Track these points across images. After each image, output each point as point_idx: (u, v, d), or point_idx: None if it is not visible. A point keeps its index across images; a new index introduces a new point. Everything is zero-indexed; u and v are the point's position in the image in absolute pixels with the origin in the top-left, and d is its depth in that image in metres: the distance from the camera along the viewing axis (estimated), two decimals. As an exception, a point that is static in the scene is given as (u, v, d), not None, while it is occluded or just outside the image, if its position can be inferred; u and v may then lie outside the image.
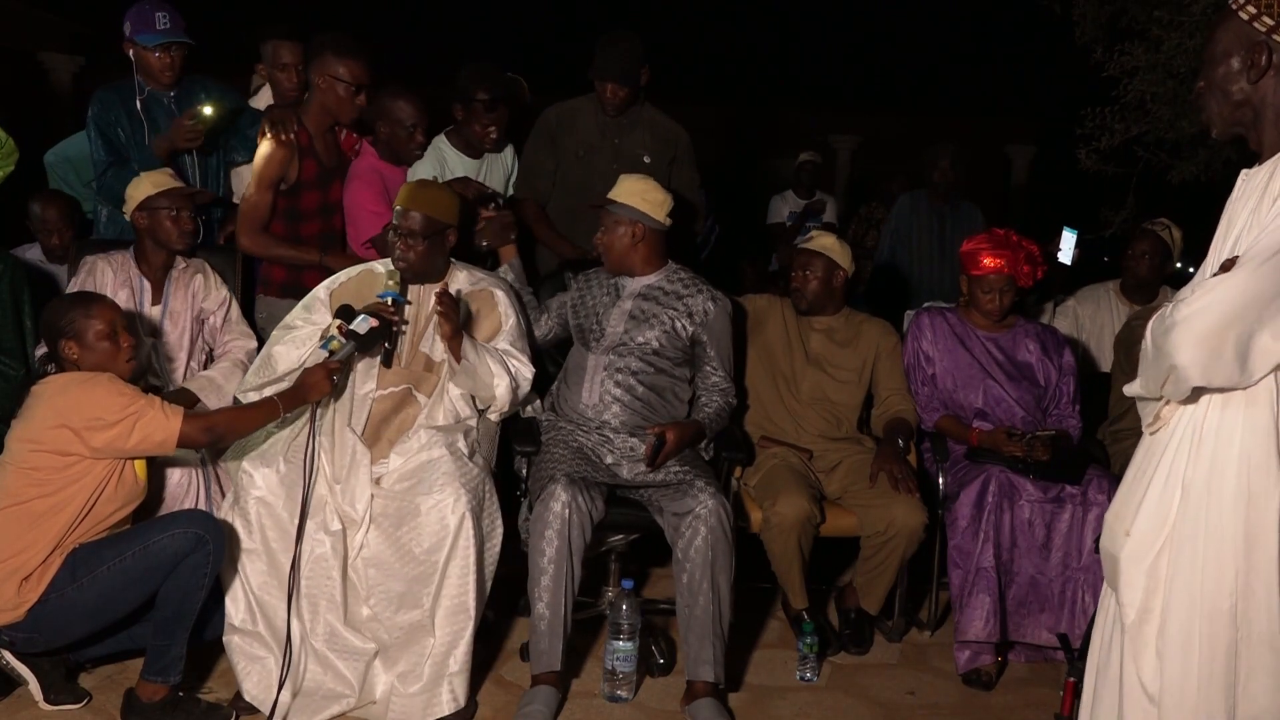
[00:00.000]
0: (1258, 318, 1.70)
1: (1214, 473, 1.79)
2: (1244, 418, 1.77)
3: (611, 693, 2.94)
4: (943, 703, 3.08)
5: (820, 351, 3.50)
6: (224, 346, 3.37)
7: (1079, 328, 4.17)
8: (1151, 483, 1.86)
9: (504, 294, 3.16)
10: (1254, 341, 1.70)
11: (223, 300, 3.38)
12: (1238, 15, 1.82)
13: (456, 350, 2.89)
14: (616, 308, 3.20)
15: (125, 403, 2.58)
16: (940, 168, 5.02)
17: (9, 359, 3.14)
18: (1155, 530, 1.84)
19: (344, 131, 3.63)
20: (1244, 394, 1.77)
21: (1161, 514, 1.84)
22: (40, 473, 2.56)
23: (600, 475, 3.00)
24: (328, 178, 3.53)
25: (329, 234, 3.53)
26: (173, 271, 3.30)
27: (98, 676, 2.91)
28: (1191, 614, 1.80)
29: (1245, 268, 1.72)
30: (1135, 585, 1.85)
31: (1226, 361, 1.72)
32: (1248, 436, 1.77)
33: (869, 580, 3.29)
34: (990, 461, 3.26)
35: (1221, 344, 1.71)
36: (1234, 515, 1.77)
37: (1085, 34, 5.46)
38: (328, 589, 2.76)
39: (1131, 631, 1.86)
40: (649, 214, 3.15)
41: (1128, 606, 1.86)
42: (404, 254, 2.99)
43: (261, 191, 3.43)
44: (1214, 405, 1.80)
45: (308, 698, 2.73)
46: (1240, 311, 1.70)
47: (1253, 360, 1.71)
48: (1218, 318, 1.71)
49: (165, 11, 3.54)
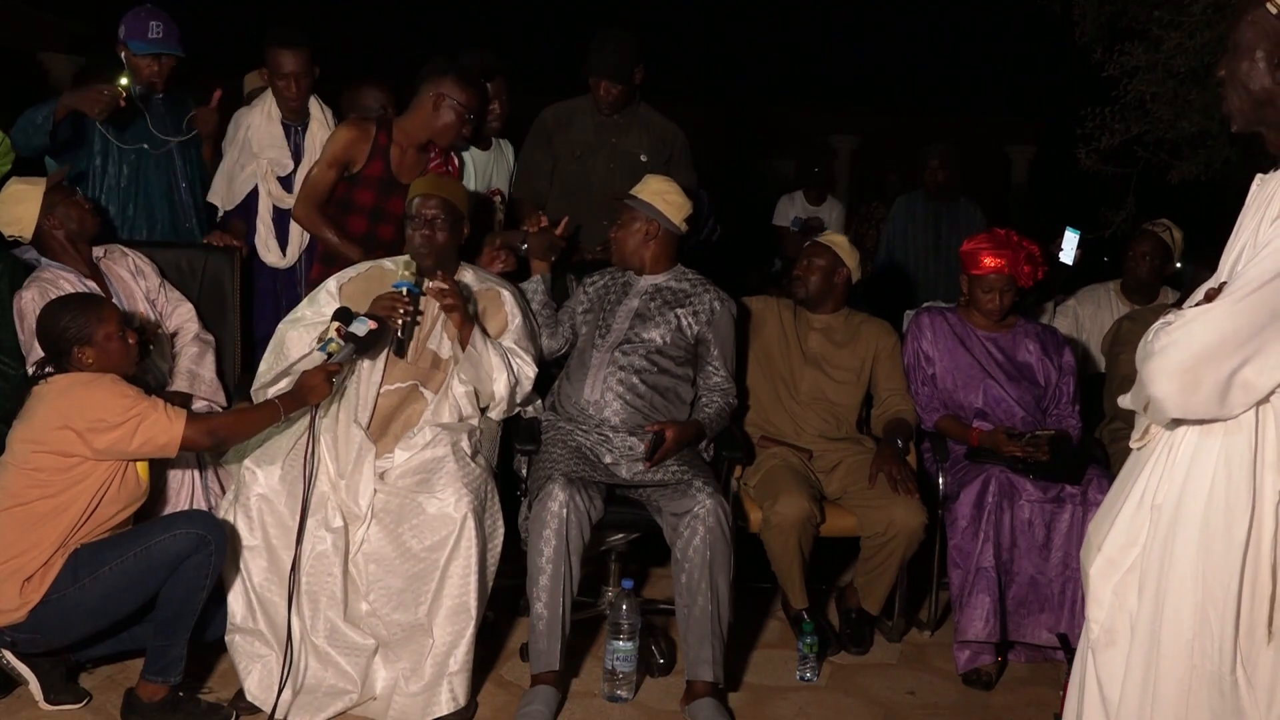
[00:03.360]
0: (1238, 352, 1.63)
1: (1184, 499, 1.73)
2: (1222, 446, 1.71)
3: (611, 693, 2.94)
4: (943, 703, 3.08)
5: (818, 351, 3.51)
6: (173, 319, 3.32)
7: (1079, 328, 4.18)
8: (1126, 500, 1.82)
9: (510, 294, 3.17)
10: (1235, 376, 1.64)
11: (157, 271, 3.35)
12: (1266, 8, 1.71)
13: (466, 336, 2.91)
14: (624, 305, 3.21)
15: (128, 404, 2.58)
16: (930, 168, 5.04)
17: (9, 359, 3.14)
18: (1124, 549, 1.80)
19: (437, 155, 3.57)
20: (1224, 423, 1.71)
21: (1132, 534, 1.79)
22: (43, 474, 2.56)
23: (599, 475, 3.01)
24: (390, 186, 3.45)
25: (372, 239, 3.45)
26: (100, 265, 3.23)
27: (98, 676, 2.90)
28: (1152, 642, 1.75)
29: (1227, 300, 1.66)
30: (1101, 603, 1.82)
31: (1204, 395, 1.66)
32: (1221, 466, 1.70)
33: (869, 581, 3.29)
34: (990, 461, 3.26)
35: (1198, 378, 1.66)
36: (1199, 545, 1.71)
37: (1085, 34, 5.47)
38: (329, 586, 2.76)
39: (1095, 648, 1.83)
40: (666, 214, 3.19)
41: (1093, 623, 1.83)
42: (426, 241, 3.00)
43: (324, 169, 3.40)
44: (1194, 430, 1.74)
45: (309, 695, 2.73)
46: (1217, 347, 1.65)
47: (1232, 395, 1.66)
48: (1194, 352, 1.66)
49: (159, 21, 3.53)
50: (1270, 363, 1.64)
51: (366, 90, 3.82)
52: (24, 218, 3.12)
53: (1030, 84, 11.61)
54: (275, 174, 3.74)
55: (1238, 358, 1.64)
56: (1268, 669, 1.68)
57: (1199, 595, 1.71)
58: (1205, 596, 1.70)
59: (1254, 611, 1.68)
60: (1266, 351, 1.63)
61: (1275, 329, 1.63)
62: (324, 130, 3.77)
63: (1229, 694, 1.68)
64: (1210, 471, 1.71)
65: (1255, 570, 1.68)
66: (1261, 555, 1.68)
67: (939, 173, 5.03)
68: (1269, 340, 1.63)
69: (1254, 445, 1.69)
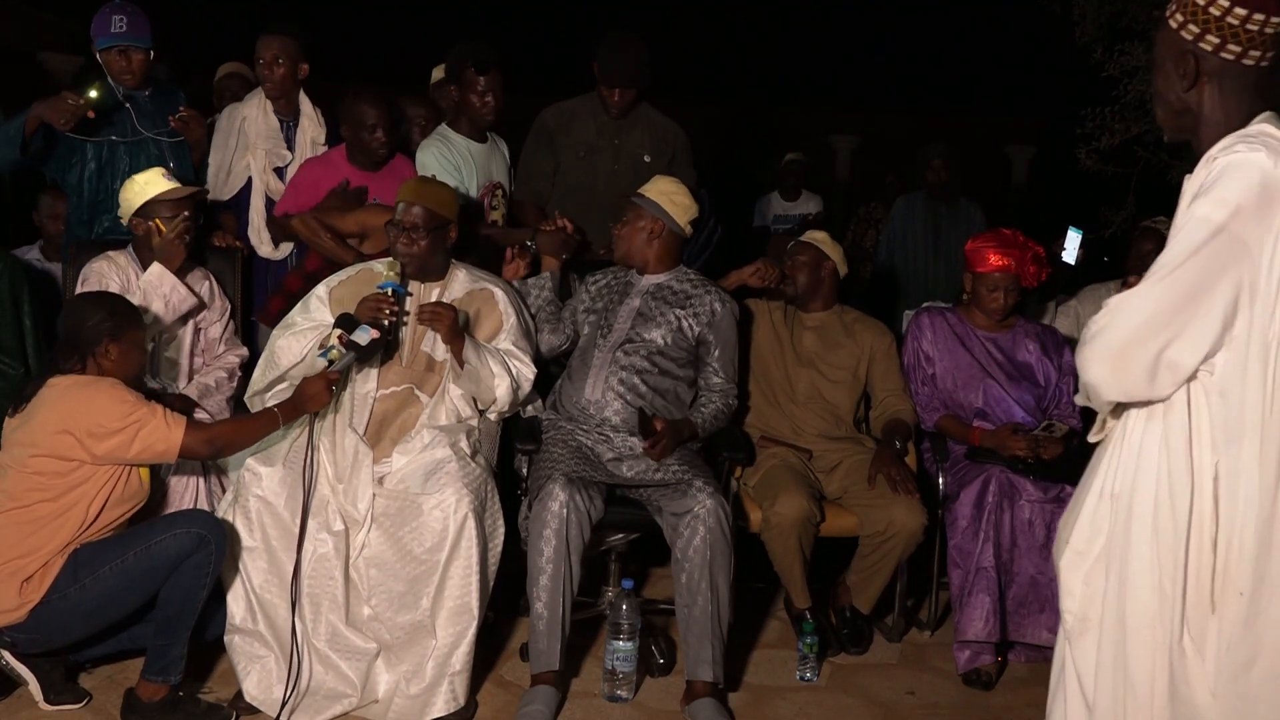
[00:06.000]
0: (1162, 332, 1.68)
1: (1137, 485, 1.78)
2: (1162, 429, 1.75)
3: (611, 693, 2.94)
4: (943, 703, 3.08)
5: (812, 350, 3.51)
6: (218, 358, 3.35)
7: (1081, 328, 4.17)
8: (1089, 493, 1.86)
9: (504, 293, 3.17)
10: (1161, 357, 1.68)
11: (224, 311, 3.37)
12: (1168, 23, 1.79)
13: (459, 354, 2.90)
14: (625, 305, 3.22)
15: (128, 410, 2.57)
16: (933, 167, 5.04)
17: (8, 358, 3.15)
18: (1090, 540, 1.84)
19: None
20: (1163, 405, 1.75)
21: (1096, 525, 1.83)
22: (43, 477, 2.56)
23: (599, 475, 3.00)
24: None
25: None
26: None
27: (98, 676, 2.90)
28: (1120, 627, 1.79)
29: (1147, 284, 1.71)
30: (1073, 593, 1.86)
31: (1134, 377, 1.70)
32: (1163, 448, 1.75)
33: (864, 579, 3.29)
34: (990, 461, 3.26)
35: (1127, 360, 1.70)
36: (1152, 528, 1.75)
37: (1085, 34, 5.47)
38: (330, 589, 2.76)
39: (1070, 638, 1.87)
40: (672, 215, 3.20)
41: (1067, 614, 1.87)
42: (407, 248, 2.99)
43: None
44: (1140, 417, 1.78)
45: (310, 697, 2.73)
46: (1142, 328, 1.69)
47: (1160, 375, 1.70)
48: (1121, 335, 1.71)
49: (123, 15, 3.51)
50: (1192, 342, 1.68)
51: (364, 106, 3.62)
52: (128, 202, 3.17)
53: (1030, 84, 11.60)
54: (273, 165, 3.74)
55: (1161, 338, 1.68)
56: (1213, 638, 1.73)
57: (1156, 575, 1.75)
58: (1161, 575, 1.74)
59: (1199, 585, 1.74)
60: (1188, 331, 1.68)
61: (1193, 308, 1.67)
62: (314, 126, 3.80)
63: (1178, 662, 1.74)
64: (1155, 455, 1.76)
65: (1199, 545, 1.73)
66: (1204, 530, 1.73)
67: (941, 173, 5.02)
68: (1188, 320, 1.67)
69: (1188, 425, 1.73)
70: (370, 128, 3.54)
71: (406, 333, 3.03)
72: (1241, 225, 1.65)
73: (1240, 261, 1.66)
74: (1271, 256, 1.67)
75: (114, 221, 3.51)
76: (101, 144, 3.54)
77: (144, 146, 3.59)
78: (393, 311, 2.90)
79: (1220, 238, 1.66)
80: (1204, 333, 1.67)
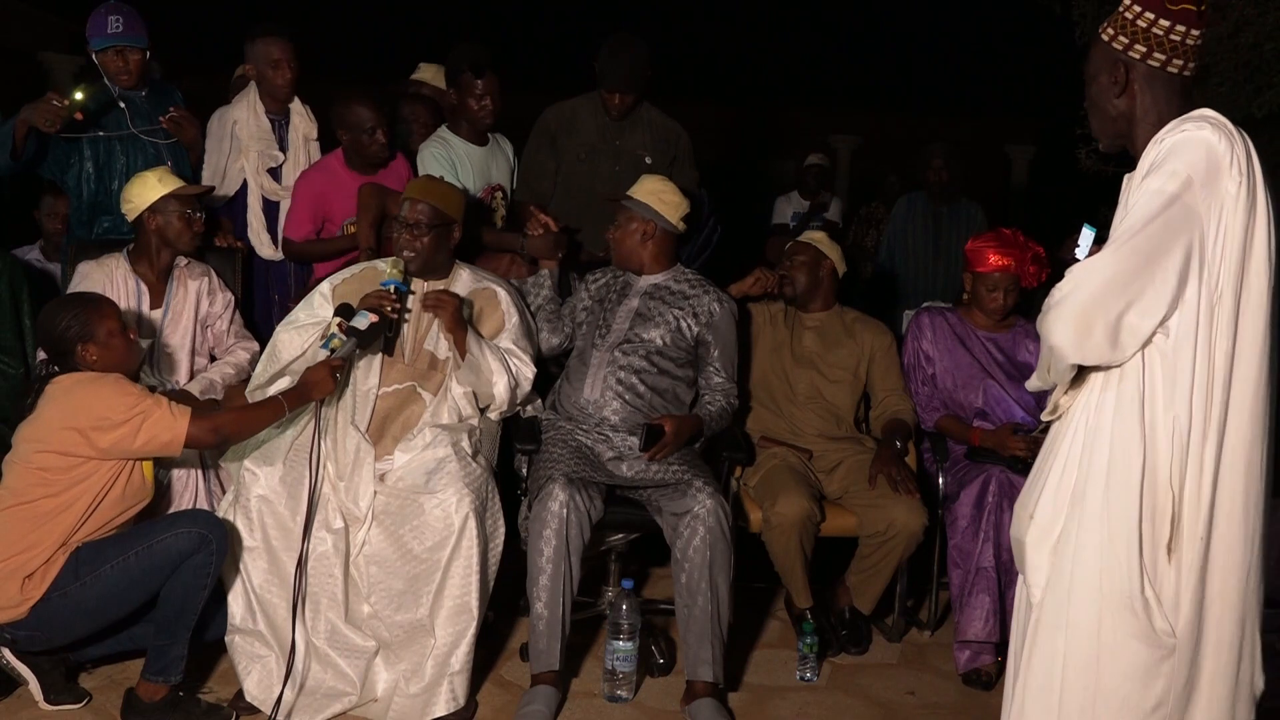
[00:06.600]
0: (1122, 295, 1.77)
1: (1093, 454, 1.87)
2: (1115, 395, 1.85)
3: (611, 693, 2.94)
4: (943, 703, 3.09)
5: (812, 350, 3.51)
6: (226, 351, 3.37)
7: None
8: (1051, 468, 1.94)
9: (506, 292, 3.17)
10: (1122, 319, 1.77)
11: (227, 304, 3.38)
12: (1100, 37, 1.95)
13: (461, 343, 2.90)
14: (624, 305, 3.22)
15: (132, 402, 2.58)
16: (933, 167, 5.03)
17: (8, 358, 3.15)
18: (1054, 514, 1.92)
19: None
20: (1117, 372, 1.84)
21: (1061, 498, 1.92)
22: (47, 473, 2.56)
23: (599, 475, 3.01)
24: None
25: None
26: (174, 271, 3.29)
27: (98, 676, 2.90)
28: (1087, 594, 1.87)
29: (1108, 249, 1.81)
30: (1040, 567, 1.93)
31: (1097, 340, 1.79)
32: (1116, 414, 1.85)
33: (864, 580, 3.29)
34: (990, 461, 3.26)
35: (1090, 323, 1.78)
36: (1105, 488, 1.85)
37: (1085, 34, 5.46)
38: (329, 587, 2.76)
39: (1038, 609, 1.93)
40: (662, 214, 3.19)
41: (1034, 588, 1.94)
42: (410, 245, 3.00)
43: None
44: (1096, 388, 1.88)
45: (309, 696, 2.73)
46: (1103, 292, 1.78)
47: (1122, 337, 1.79)
48: (1083, 299, 1.79)
49: (119, 15, 3.51)
50: (1150, 305, 1.78)
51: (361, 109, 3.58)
52: (140, 198, 3.18)
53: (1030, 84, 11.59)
54: (266, 165, 3.74)
55: (1121, 301, 1.77)
56: (1171, 585, 1.84)
57: (1106, 531, 1.84)
58: (1111, 530, 1.84)
59: (1155, 534, 1.84)
60: (1146, 295, 1.77)
61: (1149, 273, 1.77)
62: (305, 122, 3.78)
63: (1141, 612, 1.83)
64: (1109, 422, 1.86)
65: (1153, 496, 1.83)
66: (1159, 482, 1.83)
67: (942, 172, 5.02)
68: (1146, 284, 1.77)
69: (1141, 387, 1.83)
70: (369, 130, 3.53)
71: (409, 331, 3.04)
72: (1192, 195, 1.78)
73: (1192, 229, 1.78)
74: (1217, 225, 1.79)
75: (113, 222, 3.52)
76: (98, 144, 3.54)
77: (141, 147, 3.59)
78: (394, 309, 2.90)
79: (1174, 207, 1.77)
80: (1160, 296, 1.77)
